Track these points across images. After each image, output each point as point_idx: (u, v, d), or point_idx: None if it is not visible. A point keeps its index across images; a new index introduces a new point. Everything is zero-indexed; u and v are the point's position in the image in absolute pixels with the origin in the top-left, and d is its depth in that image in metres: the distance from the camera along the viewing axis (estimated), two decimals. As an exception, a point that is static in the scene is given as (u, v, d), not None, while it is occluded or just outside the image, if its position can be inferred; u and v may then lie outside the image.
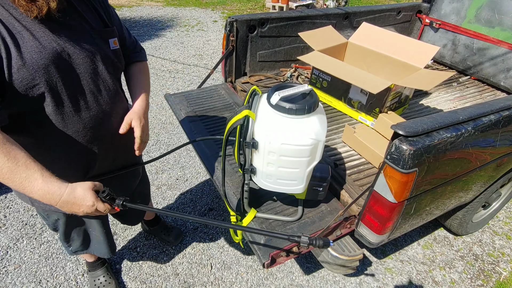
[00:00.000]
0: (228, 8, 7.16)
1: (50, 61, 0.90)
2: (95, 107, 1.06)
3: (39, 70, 0.88)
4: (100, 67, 1.05)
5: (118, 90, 1.16)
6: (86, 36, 0.99)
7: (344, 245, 1.50)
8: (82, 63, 0.99)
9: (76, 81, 0.99)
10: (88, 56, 1.00)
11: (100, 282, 1.81)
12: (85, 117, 1.04)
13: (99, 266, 1.84)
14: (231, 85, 2.59)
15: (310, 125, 1.12)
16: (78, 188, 0.91)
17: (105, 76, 1.07)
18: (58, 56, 0.92)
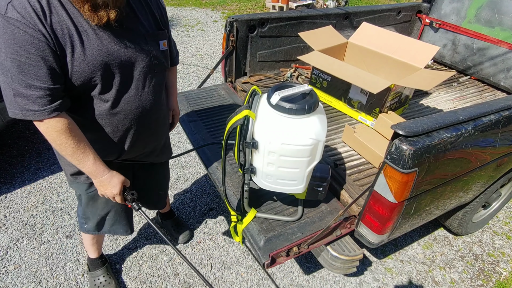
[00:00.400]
0: (228, 8, 7.16)
1: (107, 58, 1.02)
2: (137, 101, 1.17)
3: (96, 65, 1.01)
4: (149, 66, 1.15)
5: (160, 88, 1.25)
6: (140, 38, 1.10)
7: (344, 245, 1.50)
8: (134, 61, 1.10)
9: (126, 77, 1.11)
10: (140, 56, 1.11)
11: (100, 282, 1.83)
12: (127, 108, 1.15)
13: (99, 266, 1.85)
14: (231, 85, 2.59)
15: (310, 125, 1.12)
16: (115, 177, 1.17)
17: (152, 74, 1.18)
18: (115, 54, 1.04)
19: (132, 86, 1.13)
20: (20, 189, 2.48)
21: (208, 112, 2.24)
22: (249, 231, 1.45)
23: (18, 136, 2.99)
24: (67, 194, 2.46)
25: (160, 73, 1.23)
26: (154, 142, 1.41)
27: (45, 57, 0.92)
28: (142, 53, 1.11)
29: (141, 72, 1.13)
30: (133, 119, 1.19)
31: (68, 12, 0.94)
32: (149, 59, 1.14)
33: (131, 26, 1.08)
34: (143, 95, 1.18)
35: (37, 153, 2.82)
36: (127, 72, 1.10)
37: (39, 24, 0.89)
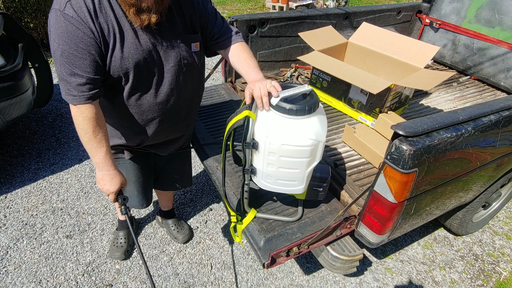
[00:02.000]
0: (228, 8, 7.16)
1: (142, 56, 1.13)
2: (163, 96, 1.25)
3: (131, 62, 1.12)
4: (178, 65, 1.23)
5: (186, 85, 1.31)
6: (174, 39, 1.19)
7: (344, 245, 1.50)
8: (165, 60, 1.19)
9: (157, 73, 1.20)
10: (172, 56, 1.20)
11: (118, 242, 2.05)
12: (153, 101, 1.25)
13: (124, 228, 2.07)
14: (231, 85, 2.59)
15: (310, 126, 1.12)
16: (117, 177, 1.26)
17: (180, 72, 1.25)
18: (149, 53, 1.14)
19: (160, 81, 1.22)
20: (20, 189, 2.48)
21: (208, 112, 2.24)
22: (249, 231, 1.45)
23: (18, 136, 2.99)
24: (67, 194, 2.46)
25: (190, 72, 1.30)
26: (175, 134, 1.50)
27: (91, 51, 1.04)
28: (173, 53, 1.20)
29: (170, 70, 1.22)
30: (157, 112, 1.29)
31: (115, 12, 1.06)
32: (179, 59, 1.23)
33: (168, 28, 1.17)
34: (170, 91, 1.26)
35: (37, 153, 2.82)
36: (158, 69, 1.19)
37: (90, 23, 1.02)
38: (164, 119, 1.34)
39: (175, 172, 1.81)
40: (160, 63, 1.19)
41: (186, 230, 2.17)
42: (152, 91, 1.23)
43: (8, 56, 2.42)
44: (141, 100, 1.24)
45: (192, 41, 1.25)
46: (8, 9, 4.02)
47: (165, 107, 1.30)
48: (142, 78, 1.18)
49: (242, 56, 1.35)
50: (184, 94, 1.34)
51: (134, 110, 1.26)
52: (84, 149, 2.94)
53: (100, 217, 2.30)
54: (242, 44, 1.39)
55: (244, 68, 1.33)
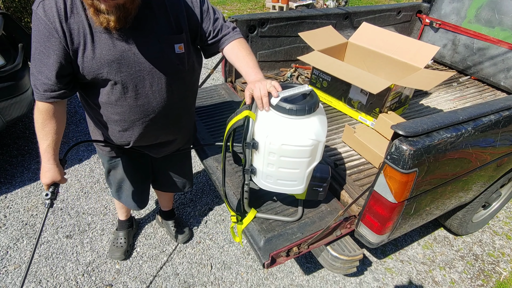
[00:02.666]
0: (228, 8, 7.16)
1: (115, 57, 1.11)
2: (144, 98, 1.23)
3: (104, 63, 1.11)
4: (161, 67, 1.19)
5: (171, 88, 1.27)
6: (155, 40, 1.15)
7: (344, 245, 1.50)
8: (144, 62, 1.16)
9: (135, 75, 1.17)
10: (152, 57, 1.16)
11: (118, 242, 2.05)
12: (132, 104, 1.23)
13: (123, 228, 2.08)
14: (231, 85, 2.59)
15: (310, 126, 1.12)
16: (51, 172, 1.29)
17: (161, 75, 1.21)
18: (124, 55, 1.12)
19: (140, 83, 1.20)
20: (20, 189, 2.48)
21: (208, 112, 2.24)
22: (249, 231, 1.45)
23: (18, 136, 2.99)
24: (67, 194, 2.46)
25: (175, 75, 1.26)
26: (166, 137, 1.46)
27: (55, 51, 1.06)
28: (154, 55, 1.17)
29: (151, 72, 1.19)
30: (139, 114, 1.27)
31: (86, 14, 1.05)
32: (161, 61, 1.19)
33: (147, 28, 1.14)
34: (151, 93, 1.23)
35: (37, 153, 2.82)
36: (135, 71, 1.16)
37: (57, 23, 1.03)
38: (148, 121, 1.31)
39: (173, 174, 1.80)
40: (138, 64, 1.16)
41: (186, 230, 2.17)
42: (131, 93, 1.21)
43: (8, 56, 2.42)
44: (121, 101, 1.22)
45: (175, 42, 1.20)
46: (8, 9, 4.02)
47: (148, 109, 1.27)
48: (119, 80, 1.16)
49: (240, 55, 1.31)
50: (171, 98, 1.30)
51: (116, 110, 1.25)
52: (84, 149, 2.96)
53: (100, 217, 2.30)
54: (241, 41, 1.35)
55: (243, 68, 1.29)
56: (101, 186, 2.55)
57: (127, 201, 1.78)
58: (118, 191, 1.73)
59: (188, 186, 1.90)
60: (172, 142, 1.53)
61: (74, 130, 3.12)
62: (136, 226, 2.24)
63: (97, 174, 2.66)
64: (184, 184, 1.87)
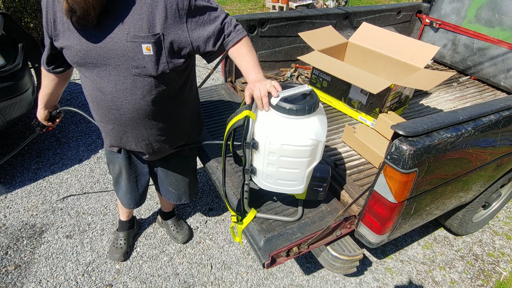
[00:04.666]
0: (228, 8, 7.16)
1: (83, 50, 1.14)
2: (109, 96, 1.23)
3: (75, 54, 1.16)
4: (124, 65, 1.17)
5: (139, 91, 1.22)
6: (122, 37, 1.13)
7: (344, 245, 1.50)
8: (109, 58, 1.16)
9: (100, 70, 1.19)
10: (117, 55, 1.15)
11: (118, 243, 2.06)
12: (101, 99, 1.25)
13: (123, 229, 2.08)
14: (231, 85, 2.59)
15: (310, 126, 1.12)
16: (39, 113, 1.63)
17: (126, 74, 1.19)
18: (91, 49, 1.14)
19: (105, 81, 1.21)
20: (20, 189, 2.48)
21: (208, 112, 2.24)
22: (249, 231, 1.45)
23: (18, 136, 2.99)
24: (67, 194, 2.46)
25: (141, 76, 1.19)
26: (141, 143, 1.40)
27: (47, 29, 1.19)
28: (119, 53, 1.14)
29: (116, 69, 1.17)
30: (106, 109, 1.28)
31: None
32: (126, 61, 1.15)
33: (117, 24, 1.11)
34: (115, 91, 1.22)
35: (37, 153, 2.82)
36: (102, 67, 1.18)
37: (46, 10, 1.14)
38: (116, 120, 1.29)
39: (169, 185, 1.76)
40: (103, 59, 1.15)
41: (186, 230, 2.17)
42: (99, 87, 1.23)
43: (8, 56, 2.41)
44: (94, 94, 1.26)
45: (142, 42, 1.12)
46: (8, 9, 4.01)
47: (112, 107, 1.25)
48: (88, 72, 1.21)
49: (241, 53, 1.26)
50: (140, 102, 1.24)
51: (92, 100, 1.30)
52: (84, 149, 2.95)
53: (100, 217, 2.30)
54: (244, 41, 1.28)
55: (244, 66, 1.26)
56: (101, 186, 2.55)
57: (121, 197, 1.78)
58: (116, 184, 1.75)
59: (184, 199, 1.84)
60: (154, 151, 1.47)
61: (74, 130, 3.12)
62: (137, 227, 2.24)
63: (97, 174, 2.66)
64: (179, 196, 1.81)
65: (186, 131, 1.54)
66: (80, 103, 3.49)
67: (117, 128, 1.34)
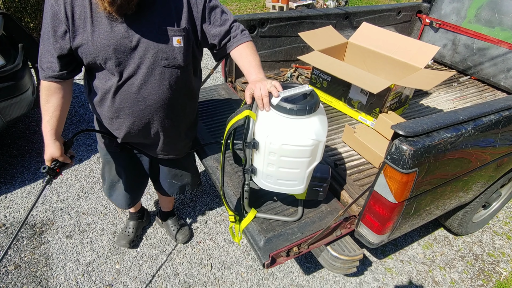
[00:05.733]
0: (228, 8, 7.16)
1: (111, 43, 1.14)
2: (135, 88, 1.24)
3: (100, 48, 1.15)
4: (156, 58, 1.20)
5: (166, 82, 1.27)
6: (152, 30, 1.17)
7: (344, 245, 1.50)
8: (140, 50, 1.17)
9: (129, 64, 1.20)
10: (149, 47, 1.17)
11: (126, 230, 2.13)
12: (124, 92, 1.25)
13: (132, 218, 2.14)
14: (231, 85, 2.59)
15: (310, 126, 1.12)
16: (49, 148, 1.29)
17: (158, 68, 1.22)
18: (121, 41, 1.15)
19: (133, 74, 1.21)
20: (20, 189, 2.48)
21: (208, 112, 2.24)
22: (249, 231, 1.45)
23: (18, 136, 2.99)
24: (67, 194, 2.46)
25: (171, 68, 1.26)
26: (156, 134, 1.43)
27: (57, 31, 1.13)
28: (151, 45, 1.18)
29: (146, 61, 1.20)
30: (130, 102, 1.27)
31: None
32: (156, 53, 1.19)
33: (147, 17, 1.15)
34: (144, 83, 1.24)
35: (37, 153, 2.82)
36: (130, 60, 1.19)
37: (61, 6, 1.09)
38: (139, 111, 1.31)
39: (172, 177, 1.77)
40: (134, 52, 1.18)
41: (186, 231, 2.17)
42: (125, 80, 1.23)
43: (8, 56, 2.41)
44: (114, 88, 1.25)
45: (173, 35, 1.20)
46: (8, 9, 4.02)
47: (138, 99, 1.27)
48: (113, 66, 1.19)
49: (244, 54, 1.31)
50: (165, 92, 1.29)
51: (109, 96, 1.28)
52: (84, 149, 2.95)
53: (100, 217, 2.30)
54: (249, 44, 1.34)
55: (245, 66, 1.29)
56: (101, 186, 2.54)
57: (117, 199, 1.79)
58: (110, 188, 1.75)
59: (187, 189, 1.87)
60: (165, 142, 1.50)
61: (74, 130, 3.12)
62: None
63: (97, 174, 2.66)
64: (183, 187, 1.84)
65: (194, 122, 1.61)
66: (80, 103, 3.49)
67: (138, 121, 1.34)
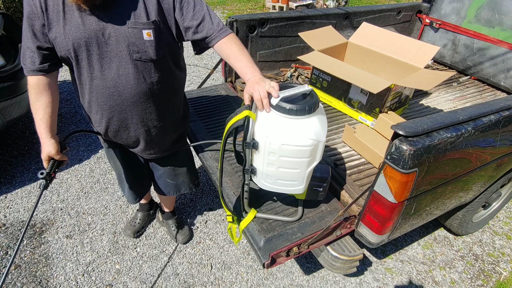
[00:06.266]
0: (228, 8, 7.16)
1: (83, 36, 1.15)
2: (109, 82, 1.24)
3: (73, 41, 1.16)
4: (126, 51, 1.20)
5: (140, 76, 1.26)
6: (123, 23, 1.17)
7: (344, 245, 1.50)
8: (112, 43, 1.18)
9: (101, 57, 1.20)
10: (120, 40, 1.18)
11: (135, 221, 2.20)
12: (99, 85, 1.25)
13: (142, 210, 2.22)
14: (231, 85, 2.59)
15: (310, 126, 1.12)
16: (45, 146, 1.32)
17: (128, 59, 1.22)
18: (93, 34, 1.16)
19: (106, 67, 1.22)
20: (20, 189, 2.48)
21: (208, 112, 2.24)
22: (249, 231, 1.45)
23: (18, 136, 2.99)
24: (67, 194, 2.46)
25: (144, 62, 1.24)
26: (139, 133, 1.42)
27: (34, 25, 1.15)
28: (122, 38, 1.18)
29: (118, 55, 1.20)
30: (105, 96, 1.28)
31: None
32: (128, 46, 1.19)
33: (118, 11, 1.16)
34: (117, 77, 1.24)
35: (37, 153, 2.82)
36: (102, 53, 1.19)
37: (37, 1, 1.11)
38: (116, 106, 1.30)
39: (166, 176, 1.76)
40: (106, 45, 1.18)
41: (186, 231, 2.17)
42: (98, 74, 1.23)
43: (8, 56, 2.42)
44: (89, 81, 1.26)
45: (143, 28, 1.18)
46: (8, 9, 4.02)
47: (114, 93, 1.27)
48: (85, 58, 1.20)
49: (232, 53, 1.26)
50: (141, 87, 1.28)
51: (86, 89, 1.29)
52: (84, 149, 2.95)
53: (100, 217, 2.30)
54: (231, 38, 1.28)
55: (238, 66, 1.25)
56: (101, 186, 2.55)
57: (126, 194, 1.84)
58: (120, 182, 1.80)
59: (184, 189, 1.84)
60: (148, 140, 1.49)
61: (74, 130, 3.12)
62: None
63: (97, 174, 2.66)
64: (178, 186, 1.82)
65: (179, 119, 1.57)
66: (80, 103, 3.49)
67: (116, 116, 1.34)
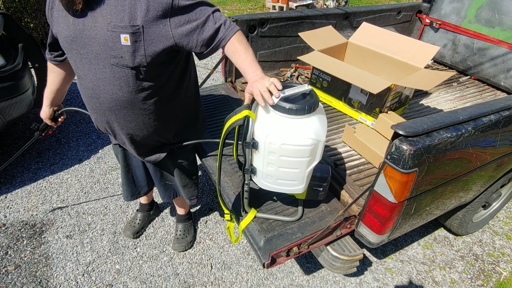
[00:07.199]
0: (228, 8, 7.16)
1: (69, 35, 1.20)
2: (89, 83, 1.27)
3: (62, 39, 1.23)
4: (104, 54, 1.19)
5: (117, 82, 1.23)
6: (103, 26, 1.16)
7: (344, 245, 1.50)
8: (92, 45, 1.19)
9: (83, 57, 1.23)
10: (99, 42, 1.18)
11: (134, 221, 2.21)
12: (82, 85, 1.31)
13: (142, 210, 2.22)
14: (231, 85, 2.59)
15: (310, 125, 1.11)
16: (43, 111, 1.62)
17: (105, 63, 1.21)
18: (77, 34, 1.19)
19: (87, 68, 1.24)
20: (20, 189, 2.48)
21: (208, 112, 2.24)
22: (249, 231, 1.45)
23: (18, 136, 2.99)
24: (67, 194, 2.46)
25: (118, 67, 1.19)
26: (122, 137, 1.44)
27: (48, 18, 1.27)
28: (101, 41, 1.17)
29: (97, 59, 1.20)
30: (88, 97, 1.32)
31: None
32: (105, 50, 1.17)
33: (102, 13, 1.15)
34: (95, 80, 1.25)
35: (37, 153, 2.82)
36: (85, 54, 1.22)
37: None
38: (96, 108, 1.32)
39: (165, 179, 1.74)
40: (87, 47, 1.19)
41: (185, 243, 2.11)
42: (81, 74, 1.27)
43: (8, 56, 2.41)
44: (79, 81, 1.32)
45: (120, 32, 1.13)
46: (8, 9, 4.02)
47: (92, 95, 1.28)
48: (72, 58, 1.25)
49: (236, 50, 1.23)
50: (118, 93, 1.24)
51: (79, 86, 1.35)
52: (84, 149, 2.95)
53: (100, 217, 2.30)
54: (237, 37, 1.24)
55: (240, 64, 1.23)
56: (101, 186, 2.54)
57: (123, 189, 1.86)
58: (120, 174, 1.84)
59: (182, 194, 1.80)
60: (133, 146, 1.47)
61: (74, 130, 3.12)
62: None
63: (97, 174, 2.66)
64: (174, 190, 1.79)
65: (173, 130, 1.50)
66: (80, 103, 3.49)
67: (99, 117, 1.37)
